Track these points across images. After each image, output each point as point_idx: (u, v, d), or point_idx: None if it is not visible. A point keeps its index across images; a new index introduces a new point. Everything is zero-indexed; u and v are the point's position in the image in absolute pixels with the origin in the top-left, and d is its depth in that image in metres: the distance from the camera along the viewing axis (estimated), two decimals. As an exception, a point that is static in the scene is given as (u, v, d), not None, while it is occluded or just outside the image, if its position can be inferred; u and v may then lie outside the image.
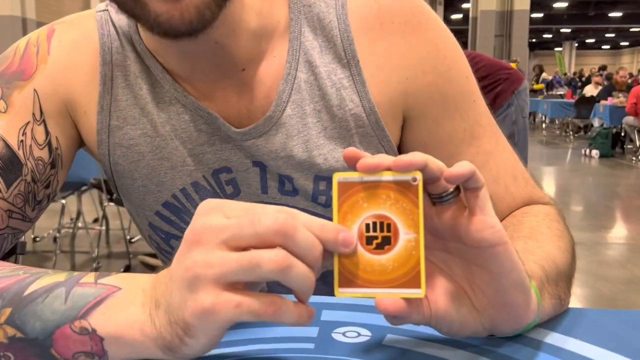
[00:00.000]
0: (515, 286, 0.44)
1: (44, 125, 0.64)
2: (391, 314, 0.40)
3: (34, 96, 0.64)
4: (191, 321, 0.38)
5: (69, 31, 0.68)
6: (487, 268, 0.43)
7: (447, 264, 0.46)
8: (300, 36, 0.65)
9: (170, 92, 0.65)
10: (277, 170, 0.66)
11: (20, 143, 0.62)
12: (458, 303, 0.44)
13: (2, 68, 0.65)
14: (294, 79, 0.64)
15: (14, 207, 0.62)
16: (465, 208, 0.43)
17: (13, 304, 0.43)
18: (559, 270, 0.55)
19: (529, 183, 0.70)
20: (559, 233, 0.61)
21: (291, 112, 0.64)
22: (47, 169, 0.64)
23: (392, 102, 0.66)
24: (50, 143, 0.64)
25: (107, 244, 3.71)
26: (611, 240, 4.16)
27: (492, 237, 0.42)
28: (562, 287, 0.54)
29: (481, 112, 0.69)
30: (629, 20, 30.86)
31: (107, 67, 0.66)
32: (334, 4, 0.65)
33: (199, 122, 0.65)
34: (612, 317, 0.56)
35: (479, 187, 0.42)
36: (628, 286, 3.20)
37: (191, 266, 0.38)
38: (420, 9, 0.67)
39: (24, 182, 0.62)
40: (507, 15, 13.07)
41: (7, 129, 0.61)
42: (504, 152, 0.69)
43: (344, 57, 0.65)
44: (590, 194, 5.92)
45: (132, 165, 0.67)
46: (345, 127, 0.65)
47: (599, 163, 7.67)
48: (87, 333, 0.42)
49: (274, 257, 0.37)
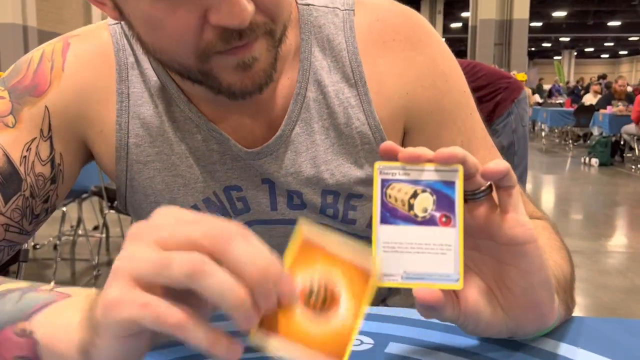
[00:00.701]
0: (542, 285, 0.45)
1: (49, 142, 0.64)
2: (428, 304, 0.41)
3: (45, 113, 0.64)
4: (98, 316, 0.36)
5: (84, 46, 0.67)
6: (517, 266, 0.44)
7: (475, 263, 0.47)
8: (310, 56, 0.66)
9: (185, 112, 0.66)
10: (286, 187, 0.66)
11: (23, 159, 0.62)
12: (486, 302, 0.45)
13: (15, 81, 0.65)
14: (304, 98, 0.66)
15: (11, 221, 0.62)
16: (496, 206, 0.44)
17: None
18: (566, 278, 0.56)
19: (523, 197, 0.71)
20: (559, 245, 0.63)
21: (300, 130, 0.66)
22: (47, 184, 0.64)
23: (394, 116, 0.67)
24: (53, 159, 0.65)
25: (108, 252, 3.71)
26: (611, 248, 4.16)
27: (524, 234, 0.43)
28: (569, 295, 0.56)
29: (477, 126, 0.71)
30: (628, 29, 30.98)
31: (123, 84, 0.66)
32: (343, 25, 0.67)
33: (211, 142, 0.66)
34: (613, 326, 0.57)
35: (512, 186, 0.43)
36: (628, 295, 3.20)
37: (117, 259, 0.36)
38: (420, 26, 0.69)
39: (22, 197, 0.62)
40: (507, 24, 13.11)
41: (12, 144, 0.62)
42: None
43: (351, 77, 0.66)
44: (590, 203, 5.92)
45: (147, 182, 0.68)
46: (352, 143, 0.67)
47: (599, 171, 7.67)
48: (25, 335, 0.42)
49: (187, 259, 0.34)
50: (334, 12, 0.68)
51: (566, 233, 4.60)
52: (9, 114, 0.63)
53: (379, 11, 0.69)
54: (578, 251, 4.03)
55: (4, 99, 0.64)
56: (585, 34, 32.05)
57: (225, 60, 0.53)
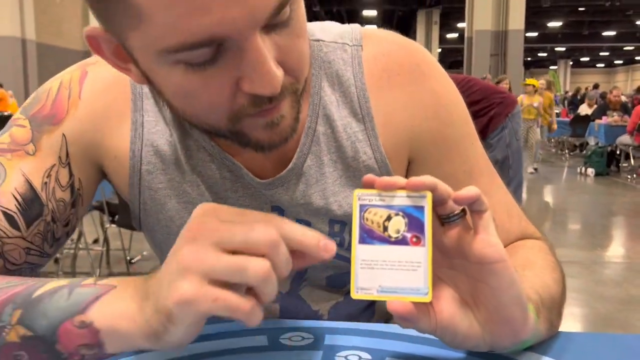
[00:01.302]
0: (513, 302, 0.48)
1: (68, 168, 0.67)
2: (400, 315, 0.45)
3: (62, 140, 0.66)
4: (173, 308, 0.42)
5: (101, 74, 0.69)
6: (488, 283, 0.48)
7: (452, 280, 0.50)
8: (320, 91, 0.69)
9: (199, 142, 0.68)
10: (295, 216, 0.69)
11: (44, 185, 0.65)
12: (462, 315, 0.49)
13: (35, 110, 0.68)
14: (314, 132, 0.68)
15: (32, 244, 0.65)
16: (470, 229, 0.48)
17: (23, 306, 0.48)
18: (553, 298, 0.59)
19: (523, 219, 0.74)
20: (553, 265, 0.66)
21: (310, 163, 0.68)
22: (67, 208, 0.67)
23: (399, 147, 0.70)
24: (73, 185, 0.67)
25: (108, 265, 3.73)
26: (608, 259, 4.19)
27: (494, 254, 0.47)
28: (554, 314, 0.59)
29: (479, 154, 0.73)
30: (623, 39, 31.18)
31: (138, 113, 0.69)
32: (351, 61, 0.69)
33: (224, 170, 0.68)
34: (599, 341, 0.60)
35: (483, 210, 0.47)
36: (624, 305, 3.23)
37: (183, 259, 0.43)
38: (423, 59, 0.71)
39: (44, 222, 0.65)
40: (502, 35, 13.18)
41: (33, 171, 0.64)
42: (499, 191, 0.74)
43: (359, 113, 0.69)
44: (587, 213, 5.95)
45: (158, 207, 0.70)
46: (358, 176, 0.69)
47: (595, 181, 7.72)
48: (85, 326, 0.47)
49: (260, 267, 0.42)
50: (342, 48, 0.70)
51: (563, 243, 4.63)
52: (29, 142, 0.66)
53: (384, 44, 0.71)
54: (574, 261, 4.06)
55: (25, 127, 0.66)
56: (581, 44, 32.23)
57: (256, 121, 0.55)
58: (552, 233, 5.07)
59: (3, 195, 0.62)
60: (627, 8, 23.50)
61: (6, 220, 0.62)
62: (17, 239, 0.63)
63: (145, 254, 3.99)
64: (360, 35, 0.71)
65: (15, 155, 0.65)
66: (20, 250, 0.63)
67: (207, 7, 0.45)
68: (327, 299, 0.75)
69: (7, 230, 0.62)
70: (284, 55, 0.52)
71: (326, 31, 0.71)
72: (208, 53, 0.49)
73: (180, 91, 0.53)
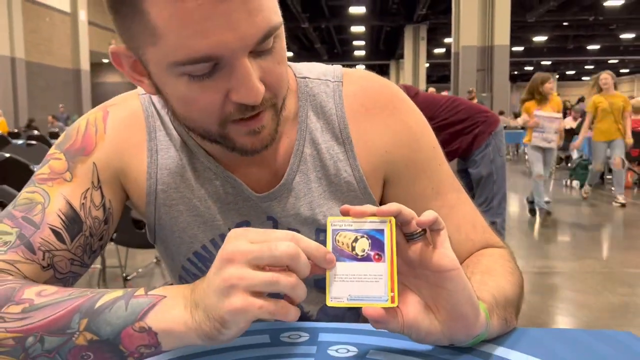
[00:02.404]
0: (466, 301, 0.59)
1: (100, 191, 0.79)
2: (373, 319, 0.58)
3: (93, 168, 0.79)
4: (227, 317, 0.55)
5: (120, 113, 0.83)
6: (445, 287, 0.59)
7: (416, 287, 0.62)
8: (306, 119, 0.82)
9: (204, 163, 0.81)
10: (287, 225, 0.81)
11: (82, 205, 0.76)
12: (424, 316, 0.60)
13: (68, 145, 0.80)
14: (301, 154, 0.82)
15: (75, 256, 0.76)
16: (430, 244, 0.60)
17: (88, 316, 0.59)
18: (507, 298, 0.70)
19: (486, 231, 0.86)
20: (511, 270, 0.77)
21: (299, 180, 0.81)
22: (101, 225, 0.79)
23: (376, 169, 0.83)
24: (104, 205, 0.79)
25: (104, 282, 3.80)
26: (590, 269, 4.30)
27: (449, 264, 0.58)
28: (509, 312, 0.70)
29: (445, 174, 0.86)
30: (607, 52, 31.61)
31: (152, 142, 0.82)
32: (333, 94, 0.83)
33: (227, 186, 0.81)
34: (547, 334, 0.71)
35: (440, 229, 0.59)
36: (605, 313, 3.33)
37: (227, 278, 0.55)
38: (395, 95, 0.85)
39: (84, 236, 0.76)
40: (488, 50, 13.37)
41: (72, 195, 0.76)
42: (465, 206, 0.86)
43: (340, 137, 0.82)
44: (572, 225, 6.08)
45: (172, 221, 0.83)
46: (340, 191, 0.82)
47: (580, 194, 7.86)
48: (144, 331, 0.58)
49: (289, 279, 0.56)
50: (325, 84, 0.84)
51: (547, 254, 4.76)
52: (66, 171, 0.78)
53: (362, 82, 0.85)
54: (558, 272, 4.18)
55: (61, 159, 0.79)
56: (566, 58, 32.68)
57: (240, 128, 0.69)
58: (537, 245, 5.20)
59: (49, 215, 0.74)
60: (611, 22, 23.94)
61: (54, 236, 0.73)
62: (63, 251, 0.74)
63: (141, 271, 4.07)
64: (340, 73, 0.85)
65: (56, 183, 0.77)
66: (66, 261, 0.75)
67: (209, 32, 0.59)
68: (316, 302, 0.86)
69: (55, 244, 0.73)
70: (266, 75, 0.66)
71: (312, 70, 0.86)
72: (206, 67, 0.62)
73: (183, 99, 0.66)
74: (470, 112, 3.39)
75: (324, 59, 32.01)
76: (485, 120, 3.41)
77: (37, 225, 0.73)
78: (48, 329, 0.59)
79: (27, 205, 0.74)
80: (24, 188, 0.78)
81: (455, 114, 3.36)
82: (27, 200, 0.75)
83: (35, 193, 0.76)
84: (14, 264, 0.70)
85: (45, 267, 0.73)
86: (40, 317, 0.59)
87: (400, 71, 31.26)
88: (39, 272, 0.72)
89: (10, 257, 0.70)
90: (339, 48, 33.53)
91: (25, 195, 0.76)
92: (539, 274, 4.09)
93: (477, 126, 3.39)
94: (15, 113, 15.64)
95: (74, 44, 19.43)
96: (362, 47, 33.44)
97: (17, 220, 0.73)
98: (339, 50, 34.20)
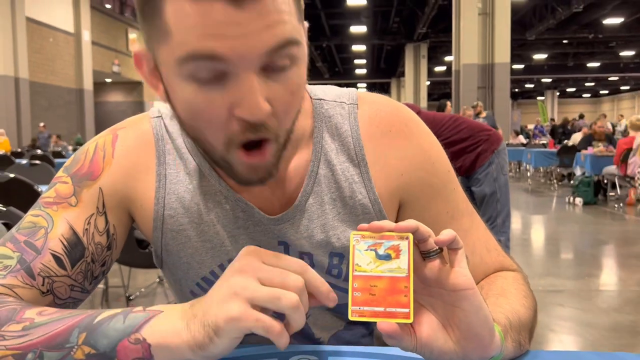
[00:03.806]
0: (481, 322, 0.59)
1: (104, 216, 0.78)
2: (387, 334, 0.56)
3: (99, 193, 0.78)
4: (222, 324, 0.54)
5: (130, 137, 0.82)
6: (460, 307, 0.59)
7: (431, 305, 0.61)
8: (321, 140, 0.81)
9: (215, 186, 0.80)
10: (299, 249, 0.80)
11: (85, 231, 0.76)
12: (438, 335, 0.60)
13: (75, 169, 0.79)
14: (316, 175, 0.80)
15: (75, 282, 0.75)
16: (446, 262, 0.59)
17: (87, 330, 0.60)
18: (521, 322, 0.70)
19: (500, 254, 0.86)
20: (524, 294, 0.77)
21: (312, 201, 0.80)
22: (104, 251, 0.78)
23: (391, 192, 0.82)
24: (108, 230, 0.78)
25: (107, 302, 3.78)
26: (595, 287, 4.27)
27: (465, 283, 0.58)
28: (523, 336, 0.69)
29: (460, 198, 0.85)
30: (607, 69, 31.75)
31: (161, 167, 0.81)
32: (348, 116, 0.83)
33: (237, 210, 0.79)
34: (558, 357, 0.71)
35: (458, 248, 0.59)
36: (611, 333, 3.30)
37: (233, 285, 0.56)
38: (410, 119, 0.84)
39: (85, 262, 0.75)
40: (489, 68, 13.42)
41: (76, 220, 0.76)
42: (479, 229, 0.85)
43: (355, 159, 0.81)
44: (576, 242, 6.04)
45: (180, 246, 0.81)
46: (354, 213, 0.81)
47: (583, 211, 7.81)
48: (139, 342, 0.58)
49: (292, 298, 0.55)
50: (341, 106, 0.83)
51: (552, 272, 4.73)
52: (71, 196, 0.77)
53: (377, 106, 0.84)
54: (563, 290, 4.15)
55: (67, 183, 0.78)
56: (566, 75, 32.81)
57: (243, 159, 0.67)
58: (541, 262, 5.17)
59: (51, 240, 0.73)
60: (610, 40, 24.07)
61: (55, 262, 0.73)
62: (63, 277, 0.73)
63: (143, 290, 4.05)
64: (355, 96, 0.85)
65: (60, 207, 0.76)
66: (66, 287, 0.74)
67: (218, 36, 0.58)
68: (329, 328, 0.85)
69: (55, 269, 0.73)
70: (274, 99, 0.63)
71: (327, 92, 0.85)
72: (211, 71, 0.61)
73: (189, 106, 0.64)
74: (473, 131, 3.40)
75: (325, 78, 32.18)
76: (487, 138, 3.41)
77: (39, 251, 0.72)
78: (48, 345, 0.59)
79: (30, 229, 0.74)
80: (30, 210, 0.77)
81: (457, 132, 3.37)
82: (31, 224, 0.75)
83: (40, 217, 0.75)
84: (12, 289, 0.70)
85: (44, 293, 0.72)
86: (40, 333, 0.60)
87: (401, 89, 31.40)
88: (38, 297, 0.72)
89: (9, 282, 0.70)
90: (340, 66, 33.72)
91: (30, 218, 0.76)
92: (544, 292, 4.06)
93: (479, 144, 3.39)
94: (18, 132, 15.71)
95: (77, 64, 19.58)
96: (363, 65, 33.61)
97: (19, 244, 0.73)
98: (340, 68, 34.39)
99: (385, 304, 0.57)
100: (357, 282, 0.58)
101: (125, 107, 24.77)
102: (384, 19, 22.65)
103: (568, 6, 17.89)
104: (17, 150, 11.33)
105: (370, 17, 22.30)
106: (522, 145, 14.15)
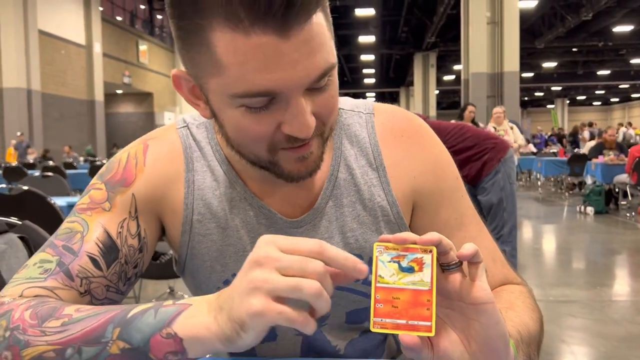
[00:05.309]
0: (498, 337, 0.59)
1: (136, 221, 0.82)
2: (407, 346, 0.57)
3: (132, 199, 0.82)
4: (246, 319, 0.55)
5: (159, 146, 0.86)
6: (479, 320, 0.59)
7: (449, 318, 0.62)
8: (341, 146, 0.87)
9: (241, 193, 0.84)
10: None
11: (118, 234, 0.79)
12: (455, 347, 0.60)
13: (109, 176, 0.83)
14: (335, 179, 0.86)
15: (111, 283, 0.78)
16: (465, 275, 0.60)
17: (121, 325, 0.62)
18: (531, 335, 0.71)
19: (505, 265, 0.87)
20: (531, 307, 0.77)
21: (332, 204, 0.85)
22: (136, 253, 0.81)
23: (406, 195, 0.86)
24: (140, 234, 0.82)
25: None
26: (607, 297, 4.22)
27: (484, 296, 0.58)
28: (532, 349, 0.70)
29: (468, 205, 0.89)
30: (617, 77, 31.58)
31: (190, 174, 0.85)
32: (366, 124, 0.89)
33: (261, 217, 0.84)
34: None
35: (478, 262, 0.59)
36: (623, 343, 3.27)
37: (253, 280, 0.56)
38: (421, 126, 0.90)
39: (119, 263, 0.79)
40: (498, 76, 13.37)
41: (110, 223, 0.79)
42: (485, 239, 0.87)
43: (373, 163, 0.86)
44: (587, 251, 5.99)
45: (205, 250, 0.85)
46: (374, 215, 0.85)
47: (594, 220, 7.75)
48: (171, 337, 0.60)
49: (313, 286, 0.55)
50: (358, 115, 0.89)
51: (563, 282, 4.68)
52: (105, 201, 0.81)
53: (392, 114, 0.90)
54: (575, 300, 4.12)
55: (102, 190, 0.82)
56: (576, 83, 32.69)
57: (289, 155, 0.73)
58: (552, 272, 5.13)
59: (87, 243, 0.77)
60: (620, 47, 23.97)
61: (92, 263, 0.76)
62: (100, 277, 0.77)
63: (154, 301, 4.07)
64: (371, 106, 0.91)
65: (95, 212, 0.80)
66: (102, 288, 0.77)
67: (270, 69, 0.63)
68: (345, 336, 0.86)
69: (92, 271, 0.76)
70: (318, 109, 0.70)
71: (344, 103, 0.91)
72: (264, 101, 0.66)
73: (238, 127, 0.70)
74: (479, 139, 3.39)
75: (335, 87, 32.08)
76: (493, 147, 3.40)
77: (76, 253, 0.76)
78: (85, 340, 0.62)
79: (67, 234, 0.78)
80: (66, 218, 0.81)
81: (463, 140, 3.37)
82: (68, 230, 0.78)
83: (75, 222, 0.79)
84: (53, 290, 0.73)
85: (82, 293, 0.75)
86: (78, 328, 0.63)
87: (410, 98, 31.39)
88: (77, 298, 0.75)
89: (50, 284, 0.73)
90: (349, 76, 33.80)
91: (66, 225, 0.79)
92: (555, 302, 4.03)
93: (485, 153, 3.39)
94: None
95: (88, 75, 19.75)
96: (372, 74, 33.69)
97: (57, 249, 0.76)
98: (349, 78, 34.47)
99: (408, 317, 0.57)
100: (379, 293, 0.58)
101: (136, 118, 24.95)
102: (392, 29, 22.70)
103: (577, 14, 17.85)
104: (29, 162, 11.42)
105: (379, 26, 22.38)
106: (533, 154, 14.07)
